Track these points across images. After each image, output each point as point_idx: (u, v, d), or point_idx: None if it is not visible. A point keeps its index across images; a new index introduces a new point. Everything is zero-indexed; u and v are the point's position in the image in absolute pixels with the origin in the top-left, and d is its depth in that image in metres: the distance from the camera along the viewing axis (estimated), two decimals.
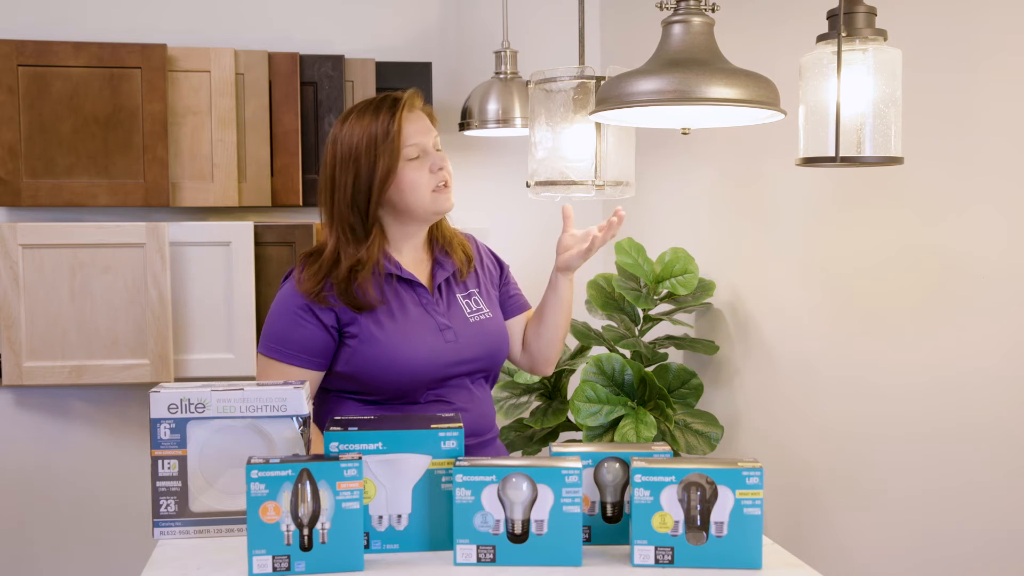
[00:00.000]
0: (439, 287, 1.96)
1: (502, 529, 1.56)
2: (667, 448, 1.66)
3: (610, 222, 1.93)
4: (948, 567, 1.91)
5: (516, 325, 2.11)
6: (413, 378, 1.87)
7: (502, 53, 2.86)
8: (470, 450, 1.94)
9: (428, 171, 1.90)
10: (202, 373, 2.96)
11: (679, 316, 2.81)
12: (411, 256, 1.97)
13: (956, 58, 1.85)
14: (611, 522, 1.66)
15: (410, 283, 1.93)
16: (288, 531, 1.53)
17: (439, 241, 2.01)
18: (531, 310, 2.14)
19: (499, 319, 2.03)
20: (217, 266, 2.95)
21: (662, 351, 2.75)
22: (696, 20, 1.56)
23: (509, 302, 2.11)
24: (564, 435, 3.02)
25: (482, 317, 1.98)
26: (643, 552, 1.56)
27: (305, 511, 1.53)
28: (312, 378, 1.89)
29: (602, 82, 1.99)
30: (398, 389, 1.87)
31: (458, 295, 1.98)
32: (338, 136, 1.90)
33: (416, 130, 1.90)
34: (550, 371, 2.16)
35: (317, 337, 1.87)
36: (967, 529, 1.87)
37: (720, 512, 1.55)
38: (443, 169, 1.91)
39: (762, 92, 1.52)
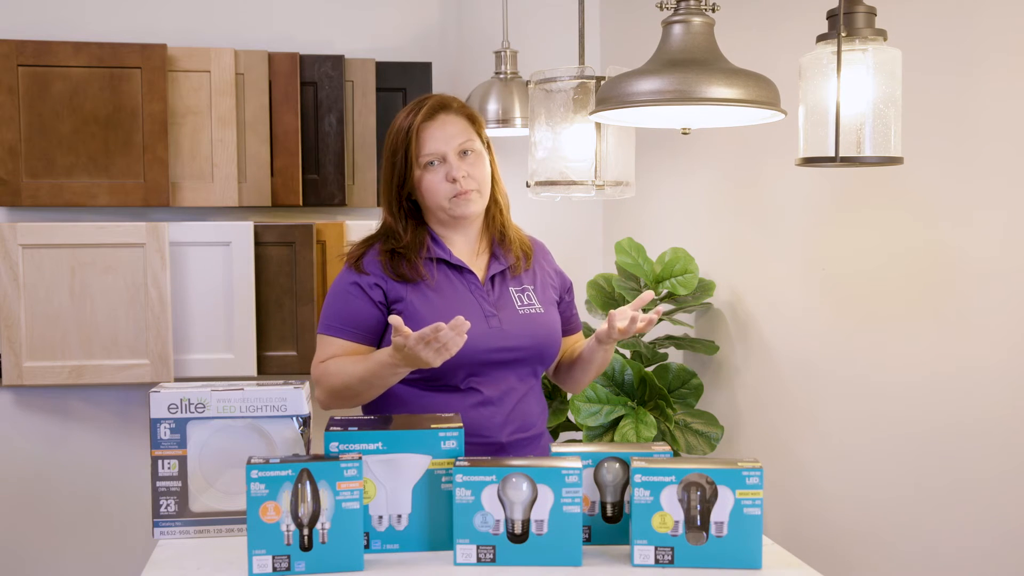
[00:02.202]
0: (492, 278, 2.00)
1: (502, 529, 1.56)
2: (667, 448, 1.66)
3: (650, 319, 1.89)
4: (948, 566, 1.91)
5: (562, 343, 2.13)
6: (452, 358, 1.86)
7: (502, 53, 2.86)
8: (513, 445, 1.95)
9: (444, 179, 1.93)
10: (202, 373, 2.96)
11: (679, 316, 2.81)
12: (465, 247, 2.01)
13: (956, 58, 1.85)
14: (611, 522, 1.66)
15: (460, 270, 1.98)
16: (288, 531, 1.53)
17: (494, 236, 2.05)
18: (578, 335, 2.17)
19: (552, 315, 2.03)
20: (217, 266, 2.95)
21: (662, 351, 2.75)
22: (696, 20, 1.57)
23: (569, 322, 2.14)
24: (564, 435, 3.02)
25: (532, 311, 2.00)
26: (643, 552, 1.56)
27: (305, 511, 1.53)
28: (362, 352, 1.93)
29: (602, 82, 1.99)
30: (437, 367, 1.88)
31: (511, 288, 2.01)
32: (390, 128, 2.01)
33: (436, 137, 1.95)
34: (578, 392, 2.27)
35: (366, 311, 1.93)
36: (966, 528, 1.87)
37: (720, 512, 1.55)
38: (457, 181, 1.93)
39: (762, 92, 1.52)
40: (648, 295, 1.93)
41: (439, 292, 1.93)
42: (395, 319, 1.70)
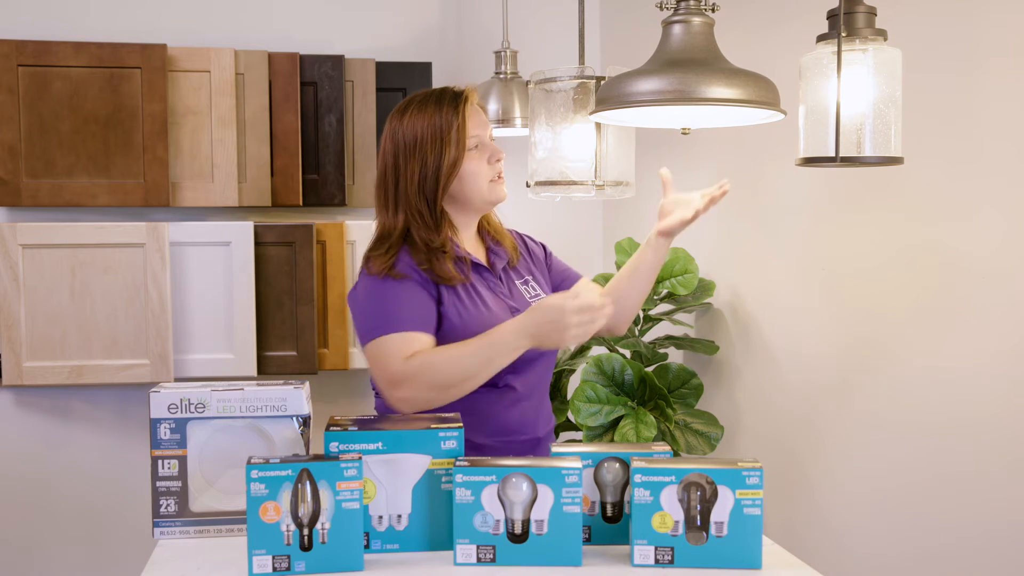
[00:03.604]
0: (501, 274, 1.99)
1: (502, 529, 1.56)
2: (667, 448, 1.66)
3: (713, 197, 1.95)
4: (947, 565, 1.91)
5: None
6: None
7: (502, 53, 2.86)
8: (546, 439, 1.95)
9: (486, 162, 1.93)
10: (202, 373, 2.96)
11: (679, 316, 2.81)
12: (469, 244, 2.00)
13: (956, 58, 1.85)
14: (611, 522, 1.66)
15: (477, 267, 1.96)
16: (288, 531, 1.53)
17: (489, 231, 2.04)
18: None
19: None
20: (217, 266, 2.95)
21: (662, 351, 2.75)
22: (696, 20, 1.57)
23: (568, 275, 2.11)
24: (564, 435, 3.02)
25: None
26: (643, 552, 1.56)
27: (305, 511, 1.53)
28: (429, 345, 1.84)
29: (602, 82, 1.99)
30: None
31: (516, 281, 2.01)
32: (399, 127, 1.93)
33: (476, 123, 1.94)
34: (624, 330, 2.15)
35: (428, 304, 1.85)
36: (966, 527, 1.87)
37: (720, 512, 1.55)
38: (500, 161, 1.94)
39: (762, 92, 1.52)
40: (666, 174, 2.03)
41: (469, 292, 1.91)
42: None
